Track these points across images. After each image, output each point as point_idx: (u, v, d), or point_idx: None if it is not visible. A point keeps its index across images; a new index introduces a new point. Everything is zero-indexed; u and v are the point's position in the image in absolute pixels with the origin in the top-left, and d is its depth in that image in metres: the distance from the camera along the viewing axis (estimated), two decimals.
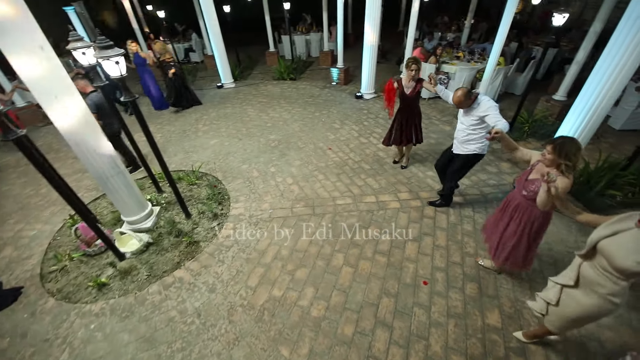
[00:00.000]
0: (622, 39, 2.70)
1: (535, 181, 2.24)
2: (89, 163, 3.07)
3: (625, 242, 1.58)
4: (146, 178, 4.72)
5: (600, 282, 1.72)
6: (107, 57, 2.49)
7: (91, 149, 2.99)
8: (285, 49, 10.73)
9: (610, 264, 1.64)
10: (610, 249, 1.63)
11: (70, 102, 2.72)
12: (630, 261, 1.54)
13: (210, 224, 3.79)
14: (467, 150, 3.19)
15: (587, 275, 1.79)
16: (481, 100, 2.90)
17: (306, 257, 3.25)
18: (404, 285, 2.93)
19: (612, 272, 1.66)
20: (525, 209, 2.37)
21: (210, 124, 6.34)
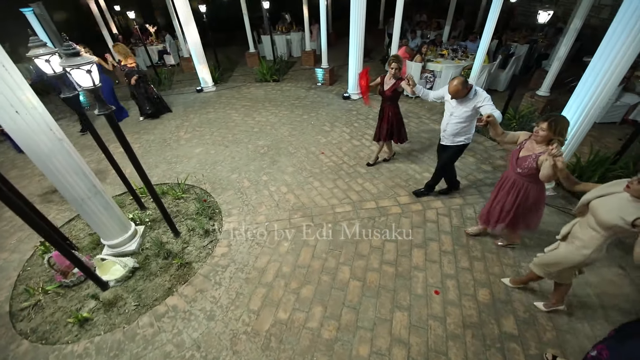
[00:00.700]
0: (616, 37, 2.71)
1: (527, 158, 2.39)
2: (60, 184, 2.72)
3: (612, 201, 1.88)
4: (126, 194, 4.34)
5: (578, 236, 2.07)
6: (76, 66, 2.17)
7: (62, 168, 2.64)
8: (266, 49, 10.41)
9: (595, 218, 1.94)
10: (598, 206, 1.93)
11: (34, 115, 2.37)
12: (612, 215, 1.83)
13: (202, 241, 3.51)
14: (456, 142, 3.29)
15: (574, 232, 2.13)
16: (477, 90, 2.94)
17: (310, 272, 3.06)
18: (416, 296, 2.81)
19: (594, 227, 1.96)
20: (521, 185, 2.56)
21: (193, 131, 5.97)
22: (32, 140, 2.42)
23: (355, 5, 5.73)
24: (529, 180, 2.48)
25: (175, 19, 8.81)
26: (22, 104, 2.31)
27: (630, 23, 2.62)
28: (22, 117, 2.32)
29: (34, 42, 2.71)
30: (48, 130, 2.50)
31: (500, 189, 2.76)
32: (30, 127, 2.38)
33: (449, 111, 3.20)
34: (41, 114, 2.44)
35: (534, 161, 2.34)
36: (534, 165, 2.34)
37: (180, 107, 7.11)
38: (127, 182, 3.86)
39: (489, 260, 3.10)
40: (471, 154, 4.78)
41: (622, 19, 2.66)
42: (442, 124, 3.34)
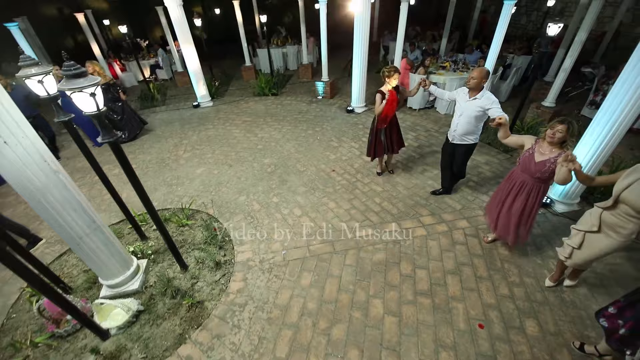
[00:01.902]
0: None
1: (545, 162, 2.48)
2: (55, 223, 2.37)
3: None
4: (124, 222, 3.96)
5: (622, 225, 2.15)
6: (79, 89, 1.88)
7: (57, 204, 2.29)
8: (262, 63, 10.24)
9: (633, 207, 2.03)
10: (633, 197, 2.01)
11: (25, 145, 2.04)
12: None
13: (214, 275, 3.17)
14: (467, 141, 3.45)
15: (609, 221, 2.21)
16: (486, 92, 3.14)
17: (339, 308, 2.77)
18: (459, 332, 2.55)
19: (634, 215, 2.06)
20: (538, 189, 2.65)
21: (193, 150, 5.64)
22: (23, 174, 2.08)
23: (359, 20, 5.64)
24: (544, 182, 2.61)
25: (169, 33, 8.55)
26: (11, 132, 1.98)
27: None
28: (11, 148, 1.99)
29: (24, 61, 2.40)
30: (42, 161, 2.16)
31: (516, 196, 2.78)
32: (21, 160, 2.04)
33: (459, 112, 3.36)
34: (33, 143, 2.11)
35: (554, 164, 2.41)
36: (553, 168, 2.43)
37: (176, 124, 6.77)
38: (126, 208, 3.49)
39: (529, 286, 2.89)
40: (489, 170, 4.65)
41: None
42: (452, 125, 3.49)
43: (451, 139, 3.56)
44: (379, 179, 4.48)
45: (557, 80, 5.49)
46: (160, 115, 7.39)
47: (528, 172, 2.62)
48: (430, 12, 17.89)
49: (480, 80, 3.08)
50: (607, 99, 3.06)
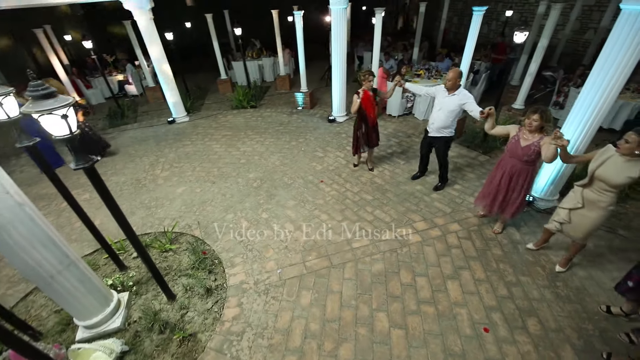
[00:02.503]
0: (614, 54, 2.83)
1: (530, 146, 2.80)
2: (22, 262, 2.08)
3: (613, 167, 2.34)
4: (99, 252, 3.62)
5: (601, 199, 2.49)
6: (49, 111, 1.68)
7: (23, 241, 2.02)
8: (238, 76, 10.08)
9: (608, 183, 2.38)
10: (606, 174, 2.37)
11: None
12: (622, 177, 2.31)
13: (205, 303, 2.94)
14: (443, 133, 3.79)
15: (589, 197, 2.56)
16: (462, 89, 3.52)
17: (343, 327, 2.65)
18: (466, 338, 2.53)
19: (608, 189, 2.42)
20: (526, 171, 2.96)
21: (171, 168, 5.34)
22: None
23: (336, 33, 5.71)
24: (532, 164, 2.92)
25: (138, 47, 8.20)
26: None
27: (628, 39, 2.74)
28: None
29: None
30: (3, 193, 1.91)
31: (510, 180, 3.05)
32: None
33: (438, 107, 3.69)
34: None
35: (537, 147, 2.75)
36: (538, 150, 2.76)
37: (151, 142, 6.41)
38: (101, 236, 3.18)
39: (525, 285, 2.95)
40: (472, 172, 4.79)
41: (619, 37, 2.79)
42: (431, 119, 3.83)
43: (430, 131, 3.91)
44: (368, 188, 4.46)
45: (525, 84, 5.85)
46: (133, 133, 6.98)
47: (516, 156, 2.93)
48: (395, 24, 18.70)
49: (455, 80, 3.45)
50: (577, 101, 3.25)
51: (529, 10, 10.90)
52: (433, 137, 3.89)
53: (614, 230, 3.49)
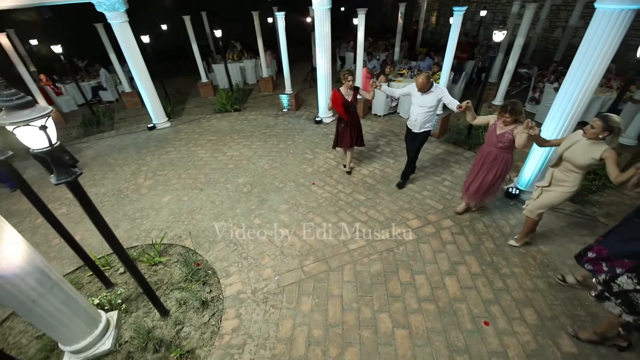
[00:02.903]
0: (591, 51, 2.97)
1: (504, 134, 3.04)
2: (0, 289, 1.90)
3: (579, 149, 2.56)
4: (82, 269, 3.41)
5: (565, 179, 2.74)
6: (26, 122, 1.53)
7: (2, 267, 1.85)
8: (219, 78, 9.84)
9: (573, 164, 2.61)
10: (572, 156, 2.60)
11: None
12: (586, 159, 2.52)
13: (201, 316, 2.82)
14: (426, 128, 3.91)
15: (557, 177, 2.80)
16: (436, 85, 3.65)
17: (347, 330, 2.62)
18: (468, 332, 2.56)
19: (573, 170, 2.65)
20: (502, 157, 3.17)
21: (155, 176, 5.12)
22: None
23: (320, 35, 5.69)
24: (508, 151, 3.14)
25: (112, 51, 7.83)
26: None
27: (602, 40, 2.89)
28: None
29: None
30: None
31: (484, 163, 3.29)
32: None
33: (416, 104, 3.80)
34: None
35: (511, 134, 2.99)
36: (511, 138, 3.00)
37: (131, 149, 6.12)
38: (83, 253, 2.98)
39: (519, 276, 3.03)
40: (459, 168, 4.90)
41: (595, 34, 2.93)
42: (412, 116, 3.91)
43: (413, 128, 3.99)
44: (360, 188, 4.46)
45: (503, 81, 6.07)
46: (111, 141, 6.64)
47: (492, 143, 3.17)
48: (375, 24, 18.94)
49: (424, 84, 3.55)
50: (558, 96, 3.39)
51: (501, 10, 11.36)
52: (417, 132, 3.98)
53: (596, 218, 3.66)
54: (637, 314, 1.95)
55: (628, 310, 1.98)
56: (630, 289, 1.94)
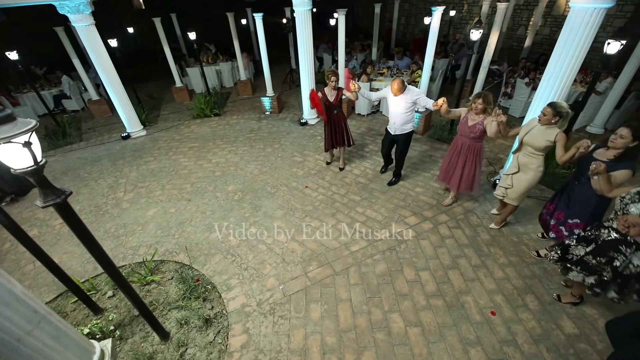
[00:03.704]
0: (568, 45, 3.16)
1: (476, 125, 3.27)
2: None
3: (536, 134, 2.87)
4: (64, 296, 3.10)
5: (531, 162, 3.00)
6: (7, 139, 1.35)
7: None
8: (194, 82, 9.46)
9: (533, 147, 2.91)
10: (531, 140, 2.90)
11: None
12: (543, 142, 2.82)
13: (205, 335, 2.66)
14: (407, 130, 3.97)
15: (522, 162, 3.06)
16: (409, 87, 3.78)
17: (360, 335, 2.58)
18: (477, 324, 2.62)
19: (534, 152, 2.93)
20: (474, 147, 3.42)
21: (135, 189, 4.79)
22: None
23: (302, 37, 5.62)
24: (478, 141, 3.39)
25: (75, 56, 7.26)
26: None
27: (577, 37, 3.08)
28: None
29: None
30: None
31: (460, 154, 3.52)
32: None
33: (393, 107, 3.89)
34: None
35: (481, 125, 3.24)
36: (482, 128, 3.24)
37: (105, 161, 5.70)
38: (66, 277, 2.71)
39: (516, 265, 3.15)
40: None
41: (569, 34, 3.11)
42: (391, 119, 3.99)
43: (393, 132, 4.05)
44: (354, 188, 4.46)
45: (480, 77, 6.33)
46: (81, 153, 6.14)
47: (465, 134, 3.40)
48: (347, 25, 19.17)
49: (400, 88, 3.65)
50: (539, 90, 3.57)
51: (467, 10, 11.91)
52: (397, 135, 4.03)
53: None
54: (595, 273, 2.27)
55: (588, 272, 2.31)
56: (583, 254, 2.32)
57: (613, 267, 2.13)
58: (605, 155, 2.44)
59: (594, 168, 2.26)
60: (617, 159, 2.35)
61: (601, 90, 5.50)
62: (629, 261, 2.07)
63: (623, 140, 2.29)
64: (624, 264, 2.08)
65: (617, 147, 2.34)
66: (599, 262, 2.21)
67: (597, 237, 2.25)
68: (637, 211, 1.96)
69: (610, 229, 2.17)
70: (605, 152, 2.46)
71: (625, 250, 2.07)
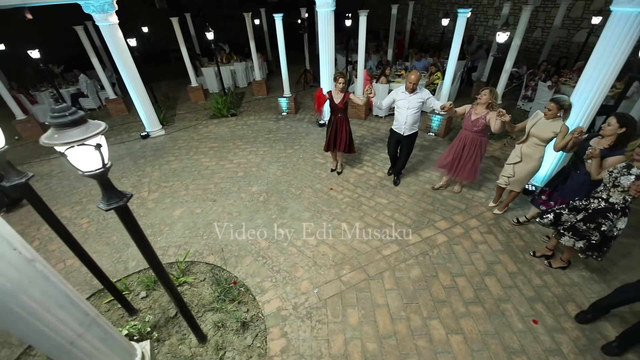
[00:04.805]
0: (608, 51, 3.10)
1: (479, 119, 3.48)
2: (33, 331, 1.65)
3: (542, 126, 3.12)
4: (96, 296, 3.10)
5: (534, 152, 3.24)
6: (80, 142, 1.33)
7: (37, 306, 1.60)
8: (208, 82, 9.47)
9: (539, 138, 3.15)
10: (538, 132, 3.14)
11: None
12: (549, 133, 3.07)
13: (243, 339, 2.64)
14: (414, 129, 4.08)
15: (526, 152, 3.30)
16: (420, 87, 3.88)
17: (401, 341, 2.54)
18: (520, 332, 2.57)
19: (539, 144, 3.18)
20: (477, 140, 3.63)
21: (160, 188, 4.79)
22: None
23: (324, 35, 5.59)
24: (482, 135, 3.60)
25: (94, 55, 7.29)
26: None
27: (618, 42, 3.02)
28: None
29: None
30: (10, 251, 1.48)
31: (464, 146, 3.71)
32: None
33: (404, 107, 3.92)
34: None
35: (484, 119, 3.43)
36: (484, 122, 3.43)
37: (127, 160, 5.71)
38: (104, 276, 2.71)
39: (554, 273, 3.10)
40: None
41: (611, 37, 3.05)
42: (401, 119, 4.02)
43: (402, 132, 4.08)
44: (380, 191, 4.42)
45: (501, 80, 6.26)
46: None
47: (468, 127, 3.60)
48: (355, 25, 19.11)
49: (418, 78, 3.74)
50: (575, 94, 3.51)
51: (482, 11, 11.82)
52: (405, 135, 4.09)
53: None
54: (584, 238, 2.65)
55: (578, 237, 2.68)
56: (574, 221, 2.67)
57: (600, 231, 2.52)
58: (600, 144, 2.73)
59: (589, 152, 2.64)
60: (612, 148, 2.63)
61: (628, 95, 5.41)
62: (613, 225, 2.50)
63: (611, 127, 2.59)
64: (609, 228, 2.51)
65: (607, 134, 2.64)
66: (588, 228, 2.59)
67: (587, 206, 2.61)
68: (627, 182, 2.32)
69: (600, 199, 2.55)
70: (600, 140, 2.75)
71: (612, 217, 2.47)
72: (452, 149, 3.86)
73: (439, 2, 13.41)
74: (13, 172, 1.96)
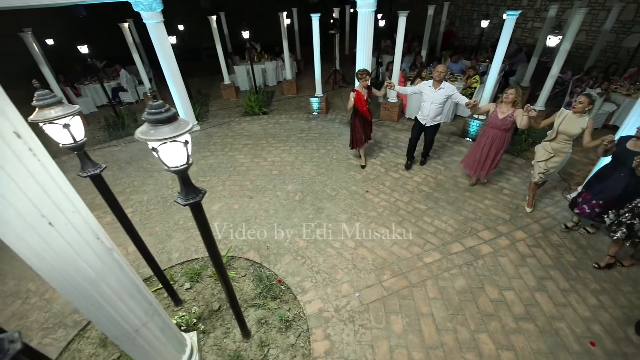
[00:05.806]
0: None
1: (506, 118, 3.66)
2: (108, 319, 1.72)
3: (570, 122, 3.23)
4: None
5: (563, 147, 3.40)
6: (172, 138, 1.37)
7: (113, 294, 1.67)
8: (240, 80, 9.65)
9: (568, 134, 3.28)
10: (566, 128, 3.26)
11: (75, 223, 1.43)
12: (577, 129, 3.19)
13: (286, 337, 2.65)
14: (437, 122, 4.44)
15: (555, 147, 3.44)
16: (445, 82, 4.09)
17: (449, 353, 2.47)
18: (577, 354, 2.44)
19: (567, 139, 3.33)
20: (503, 137, 3.83)
21: (197, 183, 4.89)
22: (73, 265, 1.46)
23: (363, 35, 5.53)
24: (508, 131, 3.81)
25: (135, 51, 7.60)
26: (57, 207, 1.36)
27: None
28: (57, 230, 1.37)
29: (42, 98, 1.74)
30: (94, 240, 1.55)
31: (492, 144, 3.89)
32: (70, 245, 1.42)
33: (429, 101, 4.22)
34: (84, 218, 1.50)
35: (511, 117, 3.62)
36: (512, 119, 3.63)
37: None
38: (155, 264, 2.81)
39: (611, 293, 2.92)
40: (514, 176, 4.77)
41: None
42: (424, 111, 4.36)
43: (425, 123, 4.45)
44: (418, 196, 4.32)
45: (546, 86, 5.98)
46: (140, 144, 6.41)
47: (496, 126, 3.79)
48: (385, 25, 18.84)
49: (444, 71, 4.00)
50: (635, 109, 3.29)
51: (523, 14, 11.32)
52: (427, 126, 4.46)
53: None
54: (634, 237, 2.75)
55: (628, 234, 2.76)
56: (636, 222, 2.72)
57: None
58: (637, 145, 2.76)
59: (638, 162, 2.56)
60: None
61: None
62: None
63: None
64: None
65: None
66: None
67: None
68: None
69: None
70: (637, 142, 2.78)
71: None
72: (479, 147, 4.00)
73: (474, 3, 12.99)
74: (89, 163, 2.05)
